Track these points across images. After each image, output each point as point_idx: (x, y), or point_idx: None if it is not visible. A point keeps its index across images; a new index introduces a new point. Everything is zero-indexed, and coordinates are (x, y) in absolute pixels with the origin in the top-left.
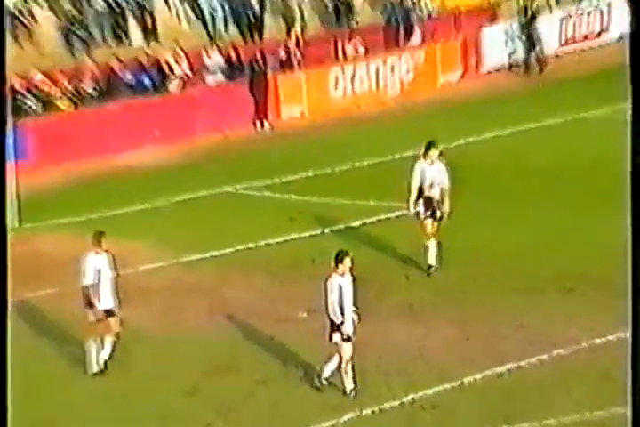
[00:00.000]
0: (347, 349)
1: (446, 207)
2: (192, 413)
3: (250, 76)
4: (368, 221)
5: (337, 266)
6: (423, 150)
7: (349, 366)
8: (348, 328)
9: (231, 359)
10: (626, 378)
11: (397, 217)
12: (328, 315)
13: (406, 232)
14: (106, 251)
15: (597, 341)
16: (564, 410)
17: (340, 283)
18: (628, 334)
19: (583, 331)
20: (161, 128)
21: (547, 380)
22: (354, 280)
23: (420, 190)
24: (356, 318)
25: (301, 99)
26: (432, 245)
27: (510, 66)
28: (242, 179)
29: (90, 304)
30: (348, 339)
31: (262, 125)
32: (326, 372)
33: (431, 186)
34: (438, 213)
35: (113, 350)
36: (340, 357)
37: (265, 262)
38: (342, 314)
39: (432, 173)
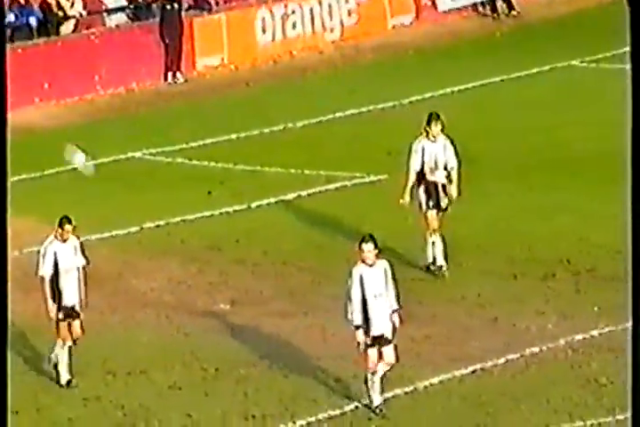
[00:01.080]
0: (371, 355)
1: (453, 193)
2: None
3: (160, 17)
4: (304, 193)
5: (361, 252)
6: (424, 124)
7: (377, 377)
8: (373, 331)
9: (136, 361)
10: (614, 382)
11: (337, 189)
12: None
13: (350, 207)
14: (74, 237)
15: (579, 337)
16: (538, 420)
17: (362, 273)
18: (629, 331)
19: (561, 325)
20: (51, 81)
21: (519, 384)
22: (389, 269)
23: (421, 175)
24: (395, 319)
25: (222, 45)
26: (437, 241)
27: (474, 5)
28: (150, 142)
29: (46, 300)
30: (372, 344)
31: (175, 77)
32: (376, 399)
33: (434, 168)
34: (444, 203)
35: (70, 360)
36: (372, 364)
37: (179, 244)
38: (364, 311)
39: (435, 152)
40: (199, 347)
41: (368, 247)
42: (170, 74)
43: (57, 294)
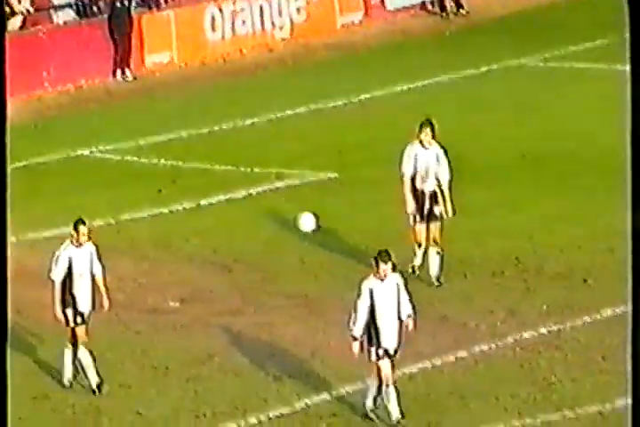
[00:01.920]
0: (385, 368)
1: (449, 210)
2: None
3: (108, 14)
4: (254, 191)
5: (377, 268)
6: (417, 130)
7: (391, 389)
8: (384, 343)
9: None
10: (562, 379)
11: (287, 187)
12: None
13: (300, 205)
14: (91, 243)
15: (527, 335)
16: (488, 418)
17: (373, 287)
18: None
19: (510, 323)
20: None
21: (468, 382)
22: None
23: (412, 183)
24: (410, 324)
25: (170, 42)
26: (432, 254)
27: (422, 4)
28: (100, 140)
29: (57, 305)
30: (383, 356)
31: (123, 74)
32: (369, 402)
33: (425, 177)
34: (436, 212)
35: (97, 369)
36: (380, 379)
37: (129, 242)
38: (374, 324)
39: (426, 160)
40: (149, 345)
41: (385, 267)
42: (119, 71)
43: (71, 299)
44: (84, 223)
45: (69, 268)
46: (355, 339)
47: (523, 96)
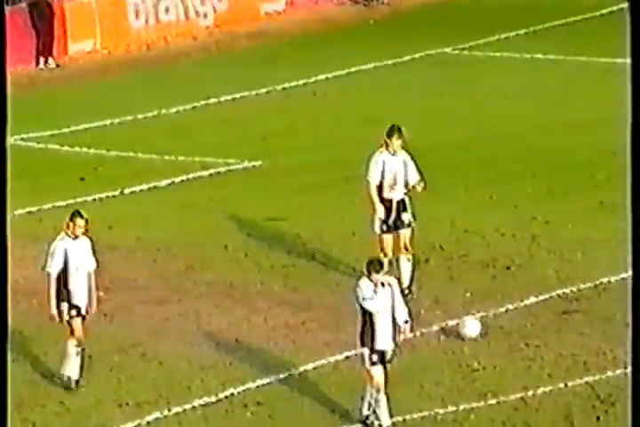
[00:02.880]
0: (377, 374)
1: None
2: None
3: (29, 1)
4: (177, 179)
5: (369, 275)
6: (384, 136)
7: (382, 395)
8: (377, 347)
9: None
10: (486, 366)
11: (212, 175)
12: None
13: (224, 193)
14: (87, 237)
15: (452, 322)
16: (412, 406)
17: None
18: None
19: (434, 311)
20: None
21: (392, 370)
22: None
23: (379, 190)
24: (407, 328)
25: (94, 30)
26: (402, 261)
27: None
28: (22, 128)
29: (52, 299)
30: (377, 362)
31: (46, 62)
32: (385, 419)
33: (393, 184)
34: (404, 219)
35: (82, 366)
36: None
37: (51, 231)
38: (370, 330)
39: (395, 167)
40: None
41: (378, 277)
42: (41, 59)
43: (67, 293)
44: (80, 216)
45: (65, 261)
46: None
47: (444, 85)
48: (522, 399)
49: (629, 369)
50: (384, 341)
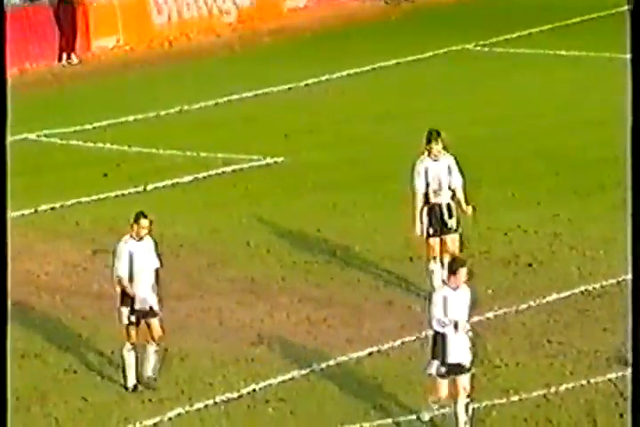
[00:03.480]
0: (442, 386)
1: (468, 210)
2: None
3: None
4: (200, 176)
5: (450, 277)
6: (424, 143)
7: (459, 408)
8: (449, 359)
9: (31, 344)
10: (508, 363)
11: (234, 171)
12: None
13: (247, 189)
14: (150, 237)
15: (474, 319)
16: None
17: (446, 296)
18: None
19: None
20: None
21: (414, 366)
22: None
23: (425, 197)
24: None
25: (117, 26)
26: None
27: None
28: (44, 124)
29: (122, 301)
30: (446, 374)
31: (69, 58)
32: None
33: (439, 189)
34: (450, 224)
35: (160, 364)
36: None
37: (73, 226)
38: (442, 337)
39: (439, 172)
40: (95, 330)
41: (463, 272)
42: (64, 55)
43: (129, 298)
44: (145, 217)
45: (131, 263)
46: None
47: (466, 81)
48: (544, 396)
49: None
50: (457, 353)
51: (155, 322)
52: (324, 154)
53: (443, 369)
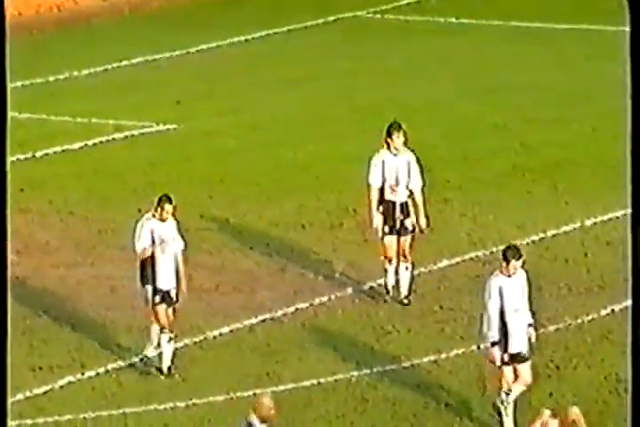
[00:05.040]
0: (508, 374)
1: (422, 222)
2: None
3: None
4: (90, 142)
5: (507, 264)
6: (384, 136)
7: (512, 398)
8: (511, 348)
9: None
10: (400, 330)
11: (126, 138)
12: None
13: (139, 156)
14: (173, 219)
15: (366, 286)
16: (326, 369)
17: (502, 285)
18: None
19: (349, 274)
20: None
21: (308, 333)
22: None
23: (381, 193)
24: (532, 333)
25: None
26: (401, 269)
27: None
28: None
29: (139, 281)
30: (509, 362)
31: None
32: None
33: (395, 185)
34: (407, 225)
35: (174, 354)
36: (506, 383)
37: None
38: (503, 326)
39: (397, 168)
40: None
41: (516, 263)
42: None
43: (152, 276)
44: (169, 201)
45: (152, 242)
46: (493, 344)
47: (358, 48)
48: (435, 362)
49: (543, 331)
50: (518, 341)
51: (169, 310)
52: (220, 121)
53: (506, 357)
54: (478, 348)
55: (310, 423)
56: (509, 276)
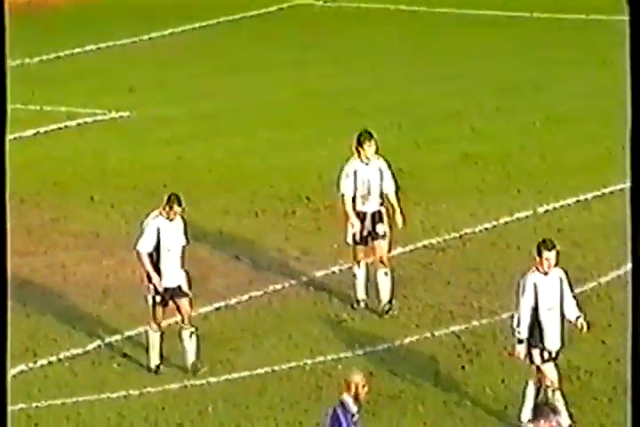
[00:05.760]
0: (549, 372)
1: (399, 221)
2: None
3: None
4: (42, 130)
5: (540, 257)
6: (355, 144)
7: (558, 393)
8: (548, 346)
9: None
10: (354, 317)
11: (78, 125)
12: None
13: (91, 144)
14: (181, 218)
15: (320, 273)
16: (281, 357)
17: (536, 282)
18: None
19: (302, 262)
20: None
21: (261, 321)
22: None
23: (353, 202)
24: (583, 323)
25: None
26: (380, 275)
27: None
28: None
29: (148, 280)
30: (549, 360)
31: None
32: (525, 414)
33: (367, 195)
34: (378, 231)
35: (198, 348)
36: (540, 383)
37: None
38: (537, 323)
39: (368, 177)
40: None
41: (550, 255)
42: None
43: (156, 275)
44: (179, 203)
45: (157, 240)
46: (520, 342)
47: (312, 35)
48: (389, 349)
49: (497, 318)
50: (553, 337)
51: (184, 302)
52: (173, 108)
53: (545, 354)
54: (432, 335)
55: (264, 411)
56: (546, 274)
